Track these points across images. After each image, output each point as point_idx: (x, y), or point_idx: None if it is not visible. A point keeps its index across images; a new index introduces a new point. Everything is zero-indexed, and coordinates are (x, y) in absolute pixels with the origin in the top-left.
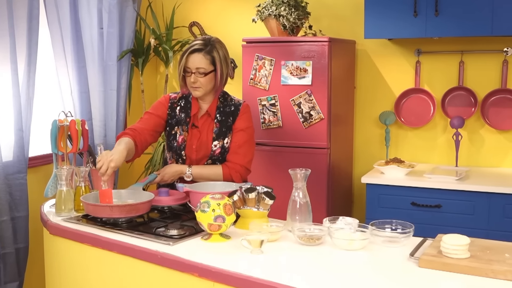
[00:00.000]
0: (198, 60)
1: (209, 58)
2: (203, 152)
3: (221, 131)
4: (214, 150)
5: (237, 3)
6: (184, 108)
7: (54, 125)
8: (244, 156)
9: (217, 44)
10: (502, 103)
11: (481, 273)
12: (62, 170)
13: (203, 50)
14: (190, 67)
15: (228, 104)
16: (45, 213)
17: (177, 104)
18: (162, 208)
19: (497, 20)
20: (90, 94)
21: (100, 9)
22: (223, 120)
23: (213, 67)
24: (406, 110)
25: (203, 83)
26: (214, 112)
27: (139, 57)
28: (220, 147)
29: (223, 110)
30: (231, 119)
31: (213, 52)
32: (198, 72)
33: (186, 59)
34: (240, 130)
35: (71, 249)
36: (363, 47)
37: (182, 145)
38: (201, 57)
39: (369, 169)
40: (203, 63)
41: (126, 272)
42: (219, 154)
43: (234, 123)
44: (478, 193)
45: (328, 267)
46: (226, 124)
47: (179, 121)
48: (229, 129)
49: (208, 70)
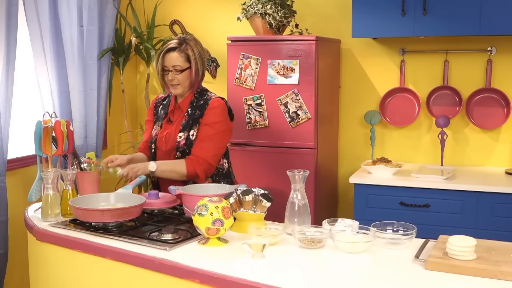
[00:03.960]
0: (174, 58)
1: (183, 56)
2: (170, 144)
3: (187, 123)
4: (179, 141)
5: (221, 1)
6: (165, 106)
7: (38, 126)
8: (206, 150)
9: (191, 42)
10: (487, 102)
11: (489, 275)
12: (48, 173)
13: (177, 49)
14: (167, 66)
15: (202, 99)
16: (30, 218)
17: (161, 103)
18: (152, 211)
19: (485, 19)
20: (70, 94)
21: (80, 7)
22: (192, 113)
23: (189, 64)
24: (391, 109)
25: (180, 80)
26: (186, 106)
27: (120, 56)
28: (184, 139)
29: (196, 104)
30: (198, 112)
31: (187, 50)
32: (175, 70)
33: (162, 58)
34: (206, 125)
35: (60, 256)
36: (348, 46)
37: (153, 138)
38: (177, 55)
39: (354, 169)
40: (178, 61)
41: (121, 280)
42: (184, 145)
43: (201, 117)
44: (466, 192)
45: (334, 271)
46: (193, 117)
47: (158, 118)
48: (195, 122)
49: (184, 67)
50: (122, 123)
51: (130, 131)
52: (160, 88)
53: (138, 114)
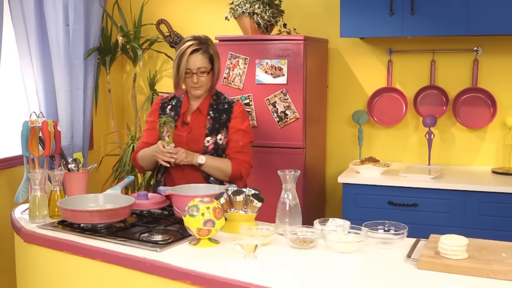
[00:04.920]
0: (200, 60)
1: (207, 57)
2: (194, 147)
3: (214, 127)
4: (207, 146)
5: (209, 0)
6: (175, 107)
7: (25, 126)
8: (248, 154)
9: (209, 41)
10: (473, 102)
11: (481, 274)
12: (35, 174)
13: (201, 49)
14: (191, 68)
15: (222, 102)
16: (17, 219)
17: (168, 103)
18: (141, 212)
19: (472, 19)
20: (56, 93)
21: (65, 6)
22: (217, 117)
23: (211, 65)
24: (379, 109)
25: (204, 82)
26: (206, 109)
27: (106, 55)
28: (213, 143)
29: (217, 107)
30: (224, 116)
31: (209, 50)
32: (199, 72)
33: (187, 60)
34: (239, 130)
35: (49, 258)
36: (335, 46)
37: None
38: (201, 57)
39: (342, 168)
40: (204, 63)
41: (111, 282)
42: (212, 149)
43: (229, 121)
44: (454, 191)
45: (326, 271)
46: (219, 121)
47: None
48: (222, 126)
49: (209, 69)
50: (109, 123)
51: (117, 131)
52: (147, 88)
53: (124, 114)
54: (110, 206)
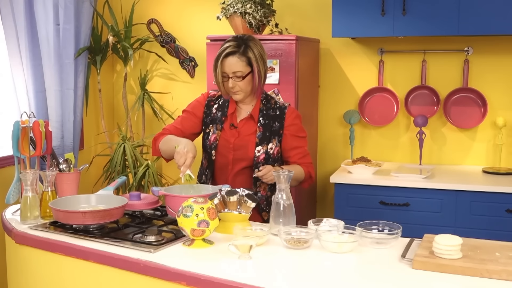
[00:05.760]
0: (234, 63)
1: (244, 60)
2: (241, 153)
3: (264, 135)
4: (257, 156)
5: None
6: (221, 107)
7: (16, 126)
8: (309, 154)
9: (250, 42)
10: (464, 102)
11: (476, 273)
12: (27, 175)
13: (237, 52)
14: (227, 72)
15: (272, 107)
16: (8, 220)
17: (215, 102)
18: (133, 212)
19: (463, 20)
20: (47, 93)
21: (56, 5)
22: (267, 124)
23: (250, 68)
24: (370, 109)
25: (242, 86)
26: (257, 115)
27: (97, 55)
28: (264, 153)
29: (267, 113)
30: (276, 124)
31: (247, 52)
32: (235, 76)
33: (221, 64)
34: (297, 137)
35: (41, 259)
36: (327, 46)
37: (213, 144)
38: (237, 59)
39: (334, 168)
40: (239, 66)
41: (105, 283)
42: (263, 159)
43: (282, 129)
44: (445, 191)
45: (320, 271)
46: (270, 129)
47: (214, 120)
48: (274, 135)
49: (246, 73)
50: (99, 123)
51: (107, 131)
52: (138, 88)
53: (115, 114)
54: (102, 206)
